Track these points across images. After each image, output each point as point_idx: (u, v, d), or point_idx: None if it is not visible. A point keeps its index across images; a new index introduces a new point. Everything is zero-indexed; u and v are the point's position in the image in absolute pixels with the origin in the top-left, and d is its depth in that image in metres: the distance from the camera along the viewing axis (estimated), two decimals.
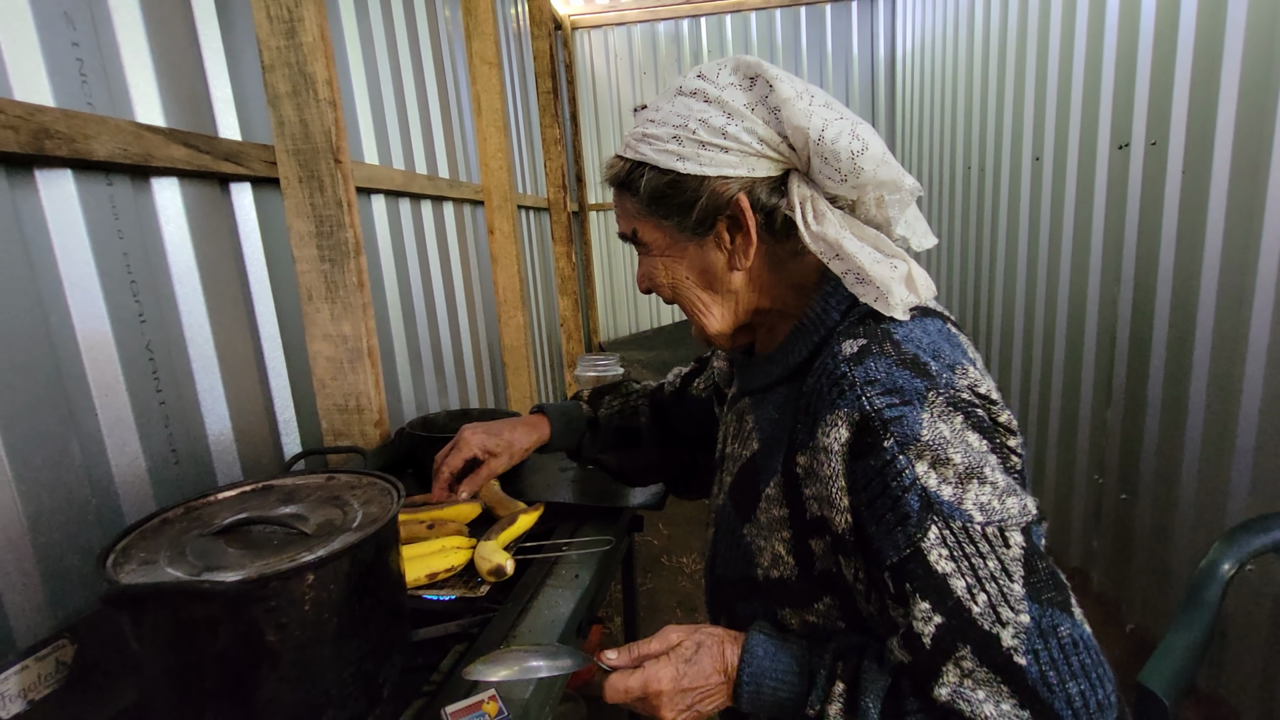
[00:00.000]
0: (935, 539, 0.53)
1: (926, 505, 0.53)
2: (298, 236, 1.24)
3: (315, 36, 1.16)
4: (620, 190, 0.71)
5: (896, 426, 0.55)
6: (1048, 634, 0.51)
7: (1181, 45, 1.69)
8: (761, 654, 0.62)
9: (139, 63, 1.02)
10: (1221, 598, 1.08)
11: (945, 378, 0.57)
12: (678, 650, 0.64)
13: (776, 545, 0.67)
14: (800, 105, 0.60)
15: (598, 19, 4.28)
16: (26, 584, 0.81)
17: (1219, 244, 1.60)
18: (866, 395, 0.56)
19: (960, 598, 0.52)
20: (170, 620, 0.58)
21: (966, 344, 0.65)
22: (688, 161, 0.64)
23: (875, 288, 0.61)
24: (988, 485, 0.54)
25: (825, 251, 0.63)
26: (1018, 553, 0.53)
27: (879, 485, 0.55)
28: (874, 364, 0.58)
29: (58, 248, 0.88)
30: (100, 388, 0.93)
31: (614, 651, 0.66)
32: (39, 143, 0.82)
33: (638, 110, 0.71)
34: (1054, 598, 0.53)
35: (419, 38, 2.08)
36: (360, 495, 0.77)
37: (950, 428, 0.55)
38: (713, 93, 0.63)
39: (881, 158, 0.60)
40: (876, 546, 0.56)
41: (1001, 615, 0.51)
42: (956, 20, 3.16)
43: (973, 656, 0.52)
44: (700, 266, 0.69)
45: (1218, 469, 1.61)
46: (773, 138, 0.62)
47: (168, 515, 0.73)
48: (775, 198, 0.65)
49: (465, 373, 2.28)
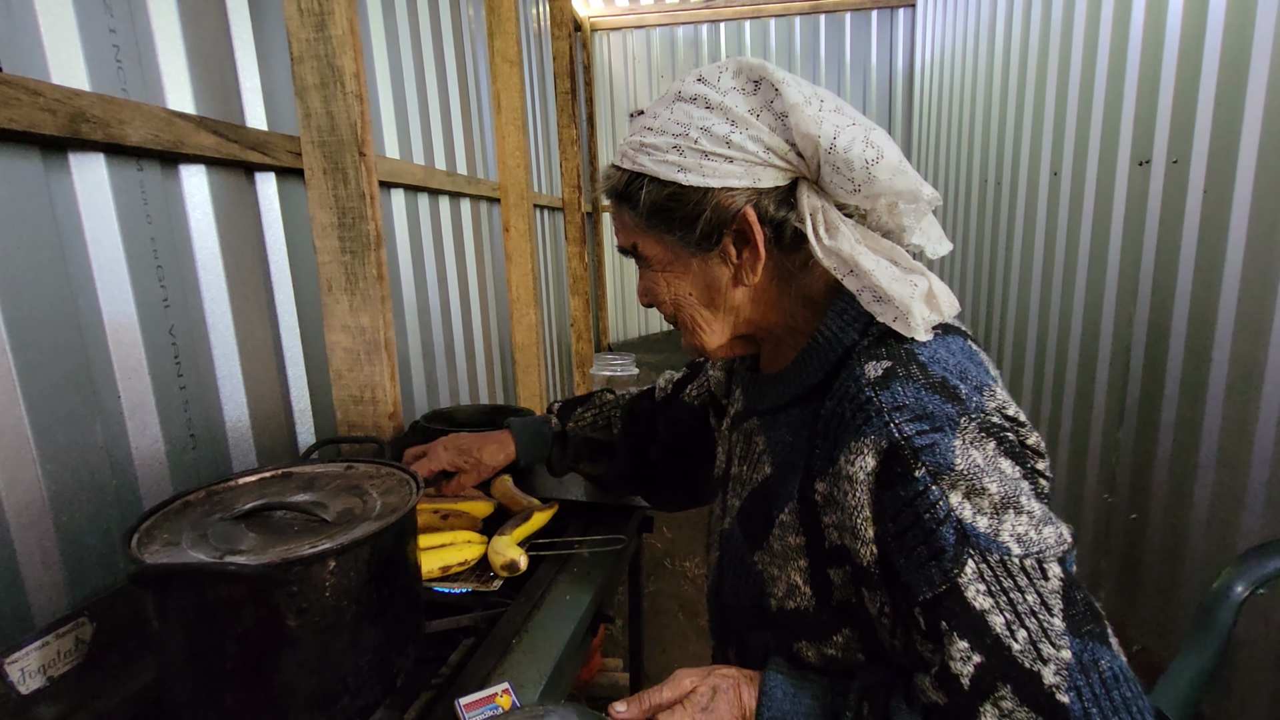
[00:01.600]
0: (972, 574, 0.51)
1: (963, 538, 0.51)
2: (320, 227, 1.25)
3: (344, 30, 1.17)
4: (618, 202, 0.67)
5: (928, 455, 0.52)
6: (1089, 669, 0.49)
7: (1207, 62, 1.68)
8: (781, 696, 0.59)
9: (172, 50, 1.03)
10: (1233, 622, 1.08)
11: (975, 401, 0.55)
12: (693, 699, 0.60)
13: (792, 574, 0.64)
14: (809, 111, 0.57)
15: (617, 21, 4.29)
16: (47, 562, 0.82)
17: (1239, 264, 1.59)
18: (895, 422, 0.54)
19: (999, 635, 0.50)
20: (194, 601, 0.58)
21: (988, 363, 0.63)
22: (690, 173, 0.60)
23: (894, 307, 0.58)
24: (1024, 515, 0.52)
25: (839, 267, 0.60)
26: (1056, 585, 0.51)
27: (909, 517, 0.53)
28: (901, 388, 0.55)
29: (88, 231, 0.89)
30: (124, 370, 0.94)
31: (624, 703, 0.62)
32: (75, 126, 0.83)
33: (634, 116, 0.67)
34: (1093, 630, 0.51)
35: (442, 34, 2.09)
36: (379, 485, 0.78)
37: (983, 455, 0.53)
38: (714, 98, 0.59)
39: (898, 166, 0.57)
40: (906, 580, 0.54)
41: (1043, 652, 0.49)
42: (977, 32, 3.15)
43: (1013, 696, 0.49)
44: (704, 283, 0.66)
45: (1231, 491, 1.60)
46: (780, 146, 0.59)
47: (189, 498, 0.74)
48: (784, 210, 0.61)
49: (476, 369, 2.29)
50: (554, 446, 1.06)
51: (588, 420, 1.07)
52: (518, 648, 0.79)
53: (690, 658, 2.21)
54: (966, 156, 3.31)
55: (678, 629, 2.32)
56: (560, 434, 1.07)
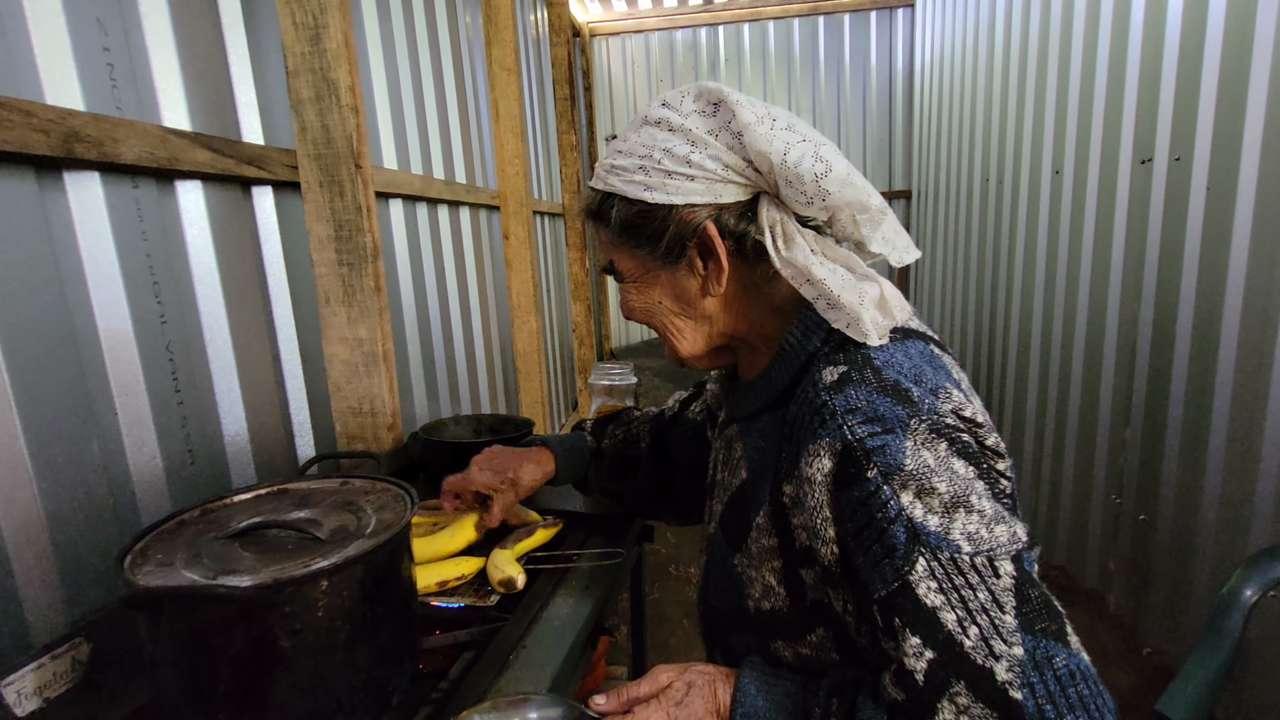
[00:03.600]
0: (923, 571, 0.52)
1: (913, 536, 0.53)
2: (317, 240, 1.25)
3: (339, 43, 1.18)
4: (594, 221, 0.71)
5: (879, 456, 0.54)
6: (1043, 666, 0.50)
7: (1208, 58, 1.67)
8: (754, 692, 0.61)
9: (167, 67, 1.04)
10: (1244, 625, 1.06)
11: (928, 403, 0.57)
12: (668, 693, 0.63)
13: (768, 575, 0.66)
14: (761, 130, 0.60)
15: (616, 26, 4.30)
16: (45, 581, 0.82)
17: (1244, 262, 1.58)
18: (848, 424, 0.56)
19: (951, 631, 0.51)
20: (186, 623, 0.58)
21: (951, 365, 0.65)
22: (655, 191, 0.63)
23: (846, 313, 0.61)
24: (975, 514, 0.53)
25: (795, 276, 0.63)
26: (1008, 582, 0.52)
27: (864, 516, 0.55)
28: (854, 392, 0.57)
29: (84, 249, 0.90)
30: (121, 387, 0.94)
31: (603, 696, 0.65)
32: (69, 146, 0.83)
33: (609, 140, 0.71)
34: (1048, 627, 0.51)
35: (439, 43, 2.10)
36: (374, 501, 0.77)
37: (934, 455, 0.54)
38: (676, 121, 0.63)
39: (846, 178, 0.60)
40: (864, 579, 0.55)
41: (994, 649, 0.50)
42: (977, 31, 3.14)
43: (967, 692, 0.50)
44: (674, 293, 0.69)
45: (1241, 492, 1.58)
46: (737, 163, 0.62)
47: (184, 517, 0.74)
48: (744, 223, 0.64)
49: (478, 378, 2.29)
50: (592, 464, 1.06)
51: (619, 437, 1.07)
52: (515, 663, 0.78)
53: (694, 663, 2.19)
54: (967, 156, 3.30)
55: (682, 635, 2.31)
56: (597, 451, 1.06)
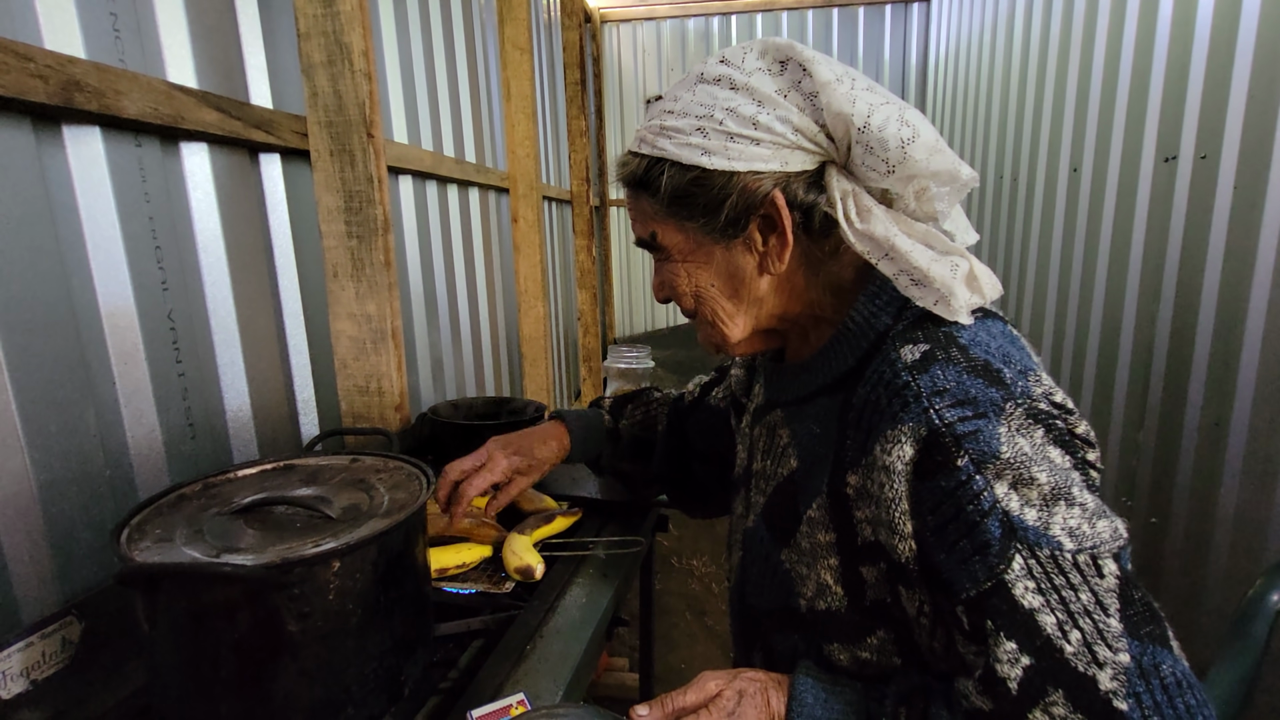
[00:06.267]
0: (1020, 570, 0.48)
1: (1009, 531, 0.48)
2: (326, 211, 1.21)
3: (353, 5, 1.12)
4: (636, 190, 0.64)
5: (971, 442, 0.49)
6: (1149, 674, 0.46)
7: (1240, 53, 1.63)
8: (811, 701, 0.56)
9: (173, 22, 0.99)
10: (1269, 633, 1.03)
11: (1021, 385, 0.52)
12: (718, 702, 0.57)
13: (822, 573, 0.61)
14: (841, 90, 0.54)
15: (627, 13, 4.23)
16: (35, 555, 0.78)
17: (1271, 263, 1.54)
18: (935, 408, 0.51)
19: (1050, 636, 0.47)
20: (186, 603, 0.54)
21: (1030, 348, 0.60)
22: (714, 156, 0.57)
23: (935, 290, 0.56)
24: (1076, 507, 0.49)
25: (873, 251, 0.57)
26: (1112, 583, 0.48)
27: (951, 509, 0.50)
28: (941, 371, 0.53)
29: (83, 209, 0.85)
30: (120, 355, 0.89)
31: (645, 707, 0.59)
32: (68, 95, 0.78)
33: (651, 102, 0.65)
34: (1153, 631, 0.47)
35: (452, 18, 2.04)
36: (387, 480, 0.73)
37: (1031, 442, 0.50)
38: (739, 79, 0.57)
39: (934, 145, 0.55)
40: (947, 577, 0.51)
41: (1098, 655, 0.46)
42: (995, 23, 3.09)
43: (1065, 702, 0.46)
44: (727, 272, 0.63)
45: (1260, 497, 1.55)
46: (809, 127, 0.56)
47: (185, 491, 0.70)
48: (813, 194, 0.59)
49: (483, 360, 2.24)
50: (607, 444, 1.02)
51: (638, 419, 1.03)
52: (532, 654, 0.74)
53: (698, 657, 2.17)
54: (982, 152, 3.26)
55: (685, 628, 2.28)
56: (613, 431, 1.03)
